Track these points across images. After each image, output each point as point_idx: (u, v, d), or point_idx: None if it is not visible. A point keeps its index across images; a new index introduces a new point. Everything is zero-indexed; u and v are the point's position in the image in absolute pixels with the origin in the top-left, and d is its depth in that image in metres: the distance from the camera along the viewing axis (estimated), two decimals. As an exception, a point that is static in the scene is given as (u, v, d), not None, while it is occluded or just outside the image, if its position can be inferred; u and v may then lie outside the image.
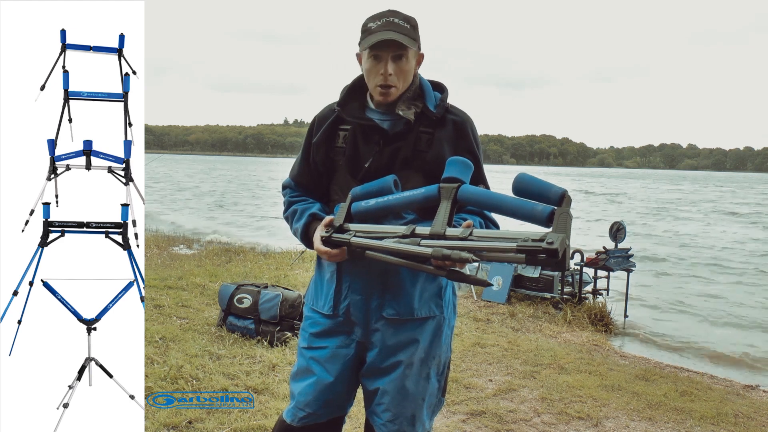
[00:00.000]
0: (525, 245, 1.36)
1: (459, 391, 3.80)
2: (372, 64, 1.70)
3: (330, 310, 1.80)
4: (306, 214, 1.82)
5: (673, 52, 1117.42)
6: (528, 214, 1.45)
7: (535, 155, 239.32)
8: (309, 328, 1.86)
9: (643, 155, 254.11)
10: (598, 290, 6.84)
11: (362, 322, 1.78)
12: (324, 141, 1.81)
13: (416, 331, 1.77)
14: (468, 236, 1.47)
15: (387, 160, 1.75)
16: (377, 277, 1.75)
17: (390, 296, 1.75)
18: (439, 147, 1.75)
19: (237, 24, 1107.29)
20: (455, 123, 1.79)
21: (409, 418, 1.80)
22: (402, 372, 1.77)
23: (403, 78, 1.72)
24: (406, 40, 1.66)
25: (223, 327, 4.75)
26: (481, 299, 6.80)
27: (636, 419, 3.58)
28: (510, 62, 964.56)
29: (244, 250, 9.64)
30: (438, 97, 1.80)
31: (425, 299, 1.78)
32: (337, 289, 1.79)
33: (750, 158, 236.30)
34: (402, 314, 1.75)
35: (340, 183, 1.81)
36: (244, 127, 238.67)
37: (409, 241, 1.53)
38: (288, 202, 1.91)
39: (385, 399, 1.79)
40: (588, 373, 4.34)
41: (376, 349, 1.78)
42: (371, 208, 1.66)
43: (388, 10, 1.72)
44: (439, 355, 1.83)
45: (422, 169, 1.75)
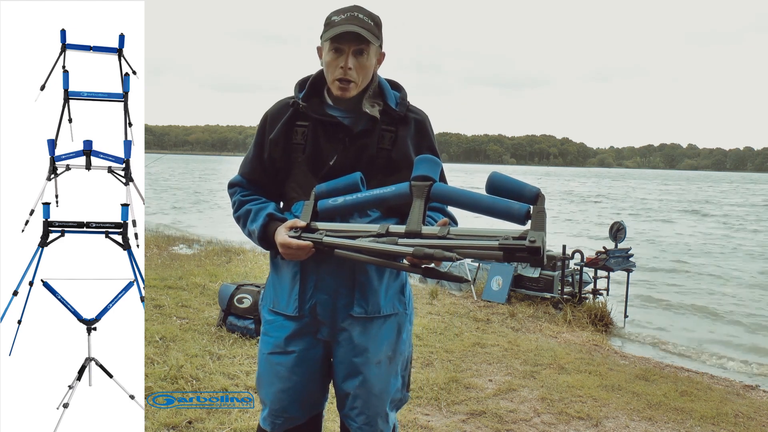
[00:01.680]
0: (507, 243, 1.39)
1: (459, 391, 3.80)
2: (332, 56, 1.68)
3: (295, 311, 1.76)
4: (262, 215, 1.75)
5: (673, 52, 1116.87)
6: (504, 212, 1.47)
7: (535, 155, 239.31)
8: (273, 332, 1.81)
9: (643, 155, 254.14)
10: (598, 290, 6.84)
11: (329, 322, 1.76)
12: (281, 137, 1.77)
13: (382, 329, 1.78)
14: (446, 234, 1.49)
15: (352, 158, 1.73)
16: (345, 276, 1.73)
17: (359, 294, 1.74)
18: (403, 145, 1.76)
19: (237, 24, 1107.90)
20: (417, 121, 1.79)
21: (383, 416, 1.81)
22: (371, 372, 1.77)
23: (363, 74, 1.70)
24: (368, 35, 1.65)
25: (223, 327, 4.75)
26: (481, 299, 6.80)
27: (636, 419, 3.58)
28: (509, 62, 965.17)
29: (244, 250, 9.64)
30: (397, 95, 1.80)
31: (390, 296, 1.79)
32: (302, 288, 1.75)
33: (750, 158, 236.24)
34: (370, 312, 1.76)
35: (298, 181, 1.77)
36: (244, 127, 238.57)
37: (387, 240, 1.53)
38: (239, 201, 1.84)
39: (358, 403, 1.79)
40: (588, 373, 4.34)
41: (343, 348, 1.77)
42: (340, 206, 1.64)
43: (353, 5, 1.71)
44: (403, 351, 1.84)
45: (386, 167, 1.75)
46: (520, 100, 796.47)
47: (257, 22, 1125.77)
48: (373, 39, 1.67)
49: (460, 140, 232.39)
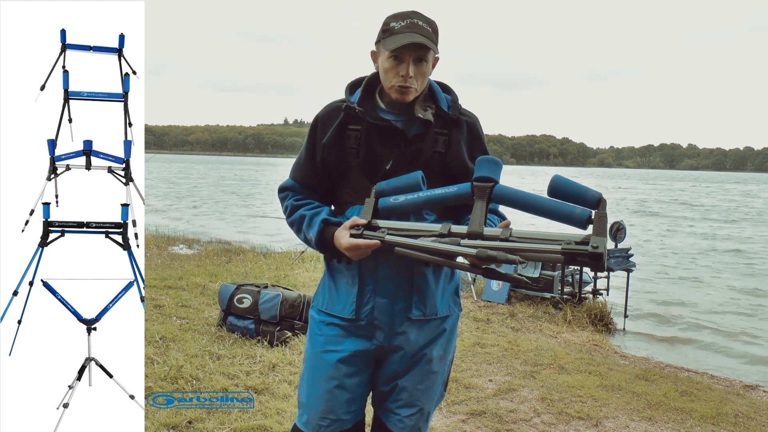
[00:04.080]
0: (569, 248, 1.39)
1: (459, 391, 3.80)
2: (392, 64, 1.67)
3: (352, 314, 1.75)
4: (317, 221, 1.74)
5: (673, 52, 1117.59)
6: (566, 215, 1.47)
7: (535, 155, 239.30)
8: (325, 331, 1.79)
9: (643, 155, 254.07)
10: (598, 290, 6.84)
11: (387, 326, 1.75)
12: (335, 141, 1.76)
13: (438, 329, 1.80)
14: (509, 237, 1.48)
15: (407, 162, 1.72)
16: (404, 279, 1.73)
17: (417, 297, 1.74)
18: (457, 148, 1.75)
19: (237, 24, 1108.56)
20: (469, 124, 1.79)
21: (425, 414, 1.82)
22: (422, 368, 1.78)
23: (421, 80, 1.70)
24: (429, 43, 1.64)
25: (223, 327, 4.75)
26: (481, 299, 6.80)
27: (636, 419, 3.58)
28: (503, 62, 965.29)
29: (244, 250, 9.64)
30: (449, 98, 1.80)
31: (446, 298, 1.81)
32: (360, 292, 1.74)
33: (750, 158, 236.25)
34: (428, 314, 1.76)
35: (353, 185, 1.77)
36: (244, 127, 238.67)
37: (449, 241, 1.52)
38: (292, 206, 1.83)
39: (403, 395, 1.79)
40: (588, 373, 4.34)
41: (401, 351, 1.77)
42: (400, 205, 1.63)
43: (411, 11, 1.70)
44: (451, 351, 1.88)
45: (442, 170, 1.75)
46: (519, 100, 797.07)
47: (258, 22, 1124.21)
48: (433, 47, 1.66)
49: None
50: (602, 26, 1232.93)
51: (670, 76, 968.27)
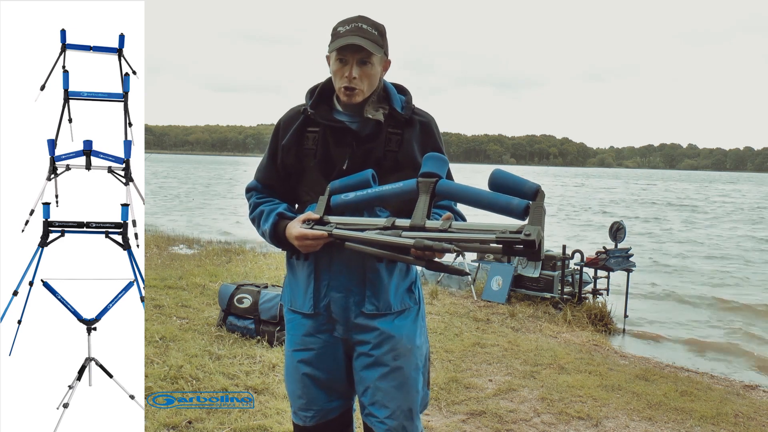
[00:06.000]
0: (504, 237, 1.44)
1: (459, 391, 3.80)
2: (338, 66, 1.76)
3: (311, 309, 1.85)
4: (273, 214, 1.84)
5: (673, 51, 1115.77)
6: (504, 207, 1.53)
7: (535, 155, 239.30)
8: (293, 330, 1.90)
9: (643, 155, 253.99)
10: (598, 290, 6.84)
11: (342, 319, 1.83)
12: (294, 143, 1.85)
13: (394, 324, 1.83)
14: (448, 228, 1.55)
15: (360, 161, 1.80)
16: (356, 274, 1.80)
17: (370, 292, 1.81)
18: (408, 146, 1.82)
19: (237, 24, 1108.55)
20: (422, 123, 1.86)
21: (406, 412, 1.82)
22: (388, 365, 1.81)
23: (367, 82, 1.77)
24: (371, 46, 1.72)
25: (223, 327, 4.75)
26: (481, 299, 6.80)
27: (636, 419, 3.58)
28: (501, 62, 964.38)
29: (244, 250, 9.64)
30: (403, 99, 1.88)
31: (400, 293, 1.86)
32: (316, 287, 1.83)
33: (750, 158, 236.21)
34: (381, 309, 1.82)
35: (311, 184, 1.85)
36: (244, 127, 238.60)
37: (391, 233, 1.59)
38: (254, 204, 1.93)
39: (379, 395, 1.82)
40: (588, 373, 4.34)
41: (360, 346, 1.83)
42: (351, 201, 1.72)
43: (358, 15, 1.78)
44: (420, 346, 1.88)
45: (394, 168, 1.81)
46: (519, 100, 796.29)
47: (258, 22, 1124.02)
48: (376, 49, 1.73)
49: (461, 140, 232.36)
50: (602, 26, 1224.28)
51: (670, 75, 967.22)
